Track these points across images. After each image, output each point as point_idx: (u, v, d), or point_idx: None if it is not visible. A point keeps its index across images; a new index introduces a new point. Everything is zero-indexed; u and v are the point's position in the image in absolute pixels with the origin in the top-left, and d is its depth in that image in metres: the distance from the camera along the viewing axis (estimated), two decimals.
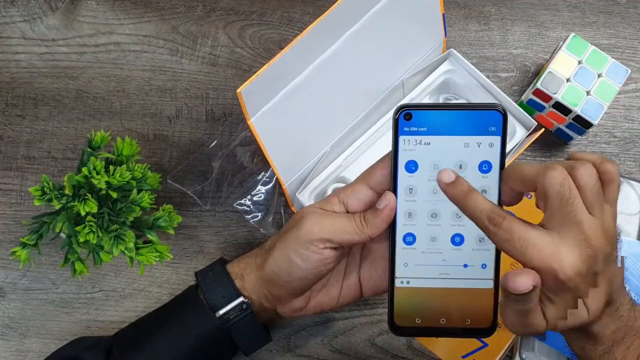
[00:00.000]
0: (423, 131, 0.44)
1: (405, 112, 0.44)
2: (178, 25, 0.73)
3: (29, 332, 0.63)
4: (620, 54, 0.72)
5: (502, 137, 0.44)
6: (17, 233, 0.65)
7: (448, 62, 0.66)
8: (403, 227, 0.46)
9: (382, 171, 0.46)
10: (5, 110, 0.69)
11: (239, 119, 0.69)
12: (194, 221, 0.66)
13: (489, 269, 0.45)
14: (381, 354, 0.63)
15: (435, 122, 0.44)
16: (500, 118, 0.43)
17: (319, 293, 0.51)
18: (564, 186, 0.40)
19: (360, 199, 0.47)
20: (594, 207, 0.40)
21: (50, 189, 0.53)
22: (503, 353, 0.58)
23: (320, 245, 0.47)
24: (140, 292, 0.64)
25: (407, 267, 0.46)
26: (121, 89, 0.70)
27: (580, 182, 0.40)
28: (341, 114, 0.62)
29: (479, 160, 0.44)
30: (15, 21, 0.72)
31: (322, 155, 0.62)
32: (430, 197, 0.45)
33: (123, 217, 0.54)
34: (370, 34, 0.57)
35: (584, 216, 0.40)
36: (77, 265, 0.55)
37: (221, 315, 0.52)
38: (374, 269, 0.50)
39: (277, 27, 0.73)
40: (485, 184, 0.44)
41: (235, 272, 0.54)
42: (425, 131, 0.44)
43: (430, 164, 0.44)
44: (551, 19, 0.74)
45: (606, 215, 0.41)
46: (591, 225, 0.39)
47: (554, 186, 0.40)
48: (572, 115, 0.65)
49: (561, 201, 0.40)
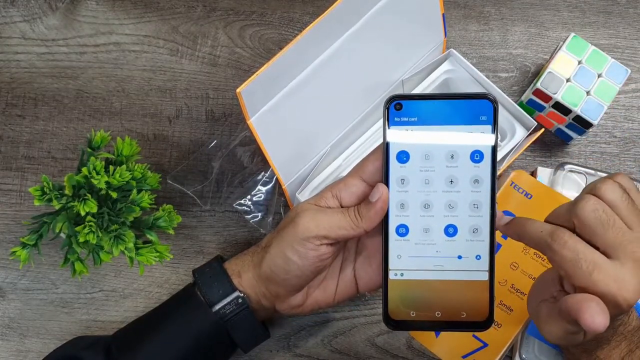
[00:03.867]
0: (414, 121, 0.44)
1: (395, 102, 0.44)
2: (178, 25, 0.73)
3: (29, 332, 0.63)
4: (620, 54, 0.72)
5: (493, 126, 0.44)
6: (17, 233, 0.65)
7: (448, 62, 0.66)
8: (395, 218, 0.45)
9: (374, 163, 0.46)
10: (5, 110, 0.69)
11: (239, 119, 0.69)
12: (194, 221, 0.66)
13: (483, 260, 0.45)
14: (381, 354, 0.63)
15: (425, 112, 0.44)
16: (491, 107, 0.43)
17: (316, 289, 0.51)
18: (598, 211, 0.39)
19: (354, 192, 0.47)
20: (633, 220, 0.40)
21: (50, 189, 0.53)
22: (503, 353, 0.58)
23: (316, 242, 0.47)
24: (140, 292, 0.64)
25: (401, 259, 0.45)
26: (121, 89, 0.70)
27: (609, 198, 0.40)
28: (341, 113, 0.62)
29: (471, 150, 0.44)
30: (15, 21, 0.72)
31: (322, 155, 0.62)
32: (423, 188, 0.45)
33: (123, 217, 0.54)
34: (370, 34, 0.57)
35: (631, 235, 0.39)
36: (77, 265, 0.55)
37: (217, 310, 0.52)
38: (368, 263, 0.50)
39: (277, 27, 0.73)
40: (477, 174, 0.44)
41: (233, 270, 0.54)
42: (416, 121, 0.44)
43: (421, 154, 0.44)
44: (551, 19, 0.74)
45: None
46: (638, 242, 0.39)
47: (589, 215, 0.39)
48: (572, 115, 0.65)
49: (603, 226, 0.39)
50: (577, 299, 0.38)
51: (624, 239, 0.39)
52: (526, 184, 0.62)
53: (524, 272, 0.59)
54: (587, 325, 0.37)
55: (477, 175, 0.44)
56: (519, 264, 0.59)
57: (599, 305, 0.38)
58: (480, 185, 0.44)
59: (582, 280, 0.39)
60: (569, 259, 0.39)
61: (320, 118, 0.60)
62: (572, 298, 0.39)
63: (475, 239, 0.45)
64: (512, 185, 0.62)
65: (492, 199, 0.44)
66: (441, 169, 0.44)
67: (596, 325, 0.37)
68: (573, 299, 0.39)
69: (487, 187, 0.44)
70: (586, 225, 0.39)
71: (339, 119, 0.62)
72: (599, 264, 0.38)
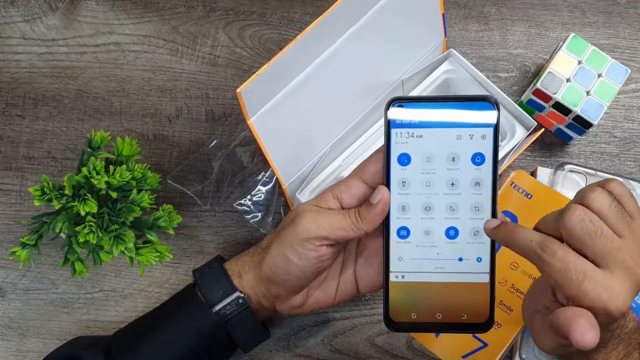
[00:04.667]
0: (415, 123, 0.44)
1: (397, 104, 0.44)
2: (178, 25, 0.73)
3: (29, 332, 0.63)
4: (620, 54, 0.72)
5: (494, 129, 0.44)
6: (17, 233, 0.65)
7: (448, 62, 0.66)
8: (397, 220, 0.45)
9: (375, 165, 0.46)
10: (5, 110, 0.69)
11: (239, 119, 0.69)
12: (194, 221, 0.66)
13: (484, 263, 0.45)
14: (381, 354, 0.63)
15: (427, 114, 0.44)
16: (492, 109, 0.43)
17: (317, 290, 0.51)
18: (585, 221, 0.39)
19: (354, 194, 0.47)
20: (622, 228, 0.39)
21: (50, 189, 0.53)
22: (503, 353, 0.58)
23: (316, 242, 0.47)
24: (140, 292, 0.64)
25: (402, 261, 0.45)
26: (121, 89, 0.70)
27: (596, 208, 0.39)
28: (341, 113, 0.62)
29: (472, 152, 0.44)
30: (15, 21, 0.72)
31: (322, 155, 0.62)
32: (424, 190, 0.45)
33: (123, 217, 0.54)
34: (370, 34, 0.57)
35: (620, 243, 0.39)
36: (77, 266, 0.55)
37: (217, 310, 0.52)
38: (369, 264, 0.50)
39: (277, 27, 0.73)
40: (478, 176, 0.44)
41: (233, 270, 0.54)
42: (417, 123, 0.44)
43: (422, 157, 0.44)
44: (551, 19, 0.74)
45: (636, 230, 0.40)
46: (628, 249, 0.39)
47: (576, 226, 0.39)
48: (572, 115, 0.65)
49: (590, 236, 0.39)
50: (567, 314, 0.38)
51: (613, 248, 0.39)
52: (526, 184, 0.62)
53: (524, 272, 0.59)
54: (577, 342, 0.37)
55: (478, 177, 0.44)
56: (519, 264, 0.59)
57: (589, 321, 0.38)
58: (482, 187, 0.44)
59: (572, 291, 0.38)
60: (559, 269, 0.39)
61: (320, 118, 0.60)
62: (563, 313, 0.39)
63: (476, 241, 0.45)
64: (512, 185, 0.62)
65: (493, 201, 0.44)
66: (442, 172, 0.44)
67: (586, 342, 0.37)
68: (564, 314, 0.38)
69: (488, 189, 0.44)
70: (574, 235, 0.39)
71: (339, 119, 0.62)
72: (588, 273, 0.38)
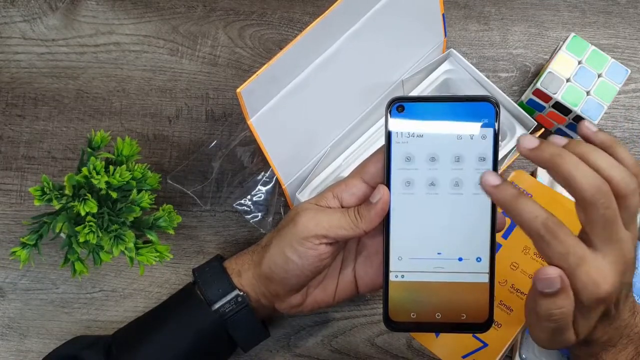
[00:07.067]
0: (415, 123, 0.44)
1: (397, 104, 0.44)
2: (178, 25, 0.73)
3: (29, 332, 0.63)
4: (620, 54, 0.72)
5: (494, 130, 0.44)
6: (17, 233, 0.65)
7: (448, 62, 0.66)
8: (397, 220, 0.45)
9: (375, 165, 0.46)
10: (5, 110, 0.69)
11: (239, 119, 0.69)
12: (194, 221, 0.66)
13: (484, 263, 0.45)
14: (381, 354, 0.63)
15: (427, 114, 0.44)
16: (493, 109, 0.43)
17: (316, 289, 0.51)
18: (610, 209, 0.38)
19: (354, 193, 0.47)
20: (630, 222, 0.40)
21: (50, 189, 0.53)
22: (503, 353, 0.58)
23: (315, 241, 0.47)
24: (140, 292, 0.64)
25: (402, 260, 0.45)
26: (121, 89, 0.70)
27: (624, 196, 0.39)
28: (341, 113, 0.62)
29: (472, 152, 0.44)
30: (15, 21, 0.72)
31: (322, 155, 0.62)
32: (424, 190, 0.45)
33: (123, 217, 0.54)
34: (370, 34, 0.57)
35: (624, 234, 0.39)
36: (77, 266, 0.55)
37: (217, 308, 0.52)
38: (369, 264, 0.50)
39: (277, 27, 0.73)
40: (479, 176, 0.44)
41: (233, 269, 0.54)
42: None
43: (422, 157, 0.44)
44: (551, 19, 0.74)
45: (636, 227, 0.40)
46: (628, 241, 0.39)
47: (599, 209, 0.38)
48: (572, 115, 0.65)
49: (605, 224, 0.38)
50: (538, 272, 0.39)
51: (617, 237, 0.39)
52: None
53: (524, 272, 0.59)
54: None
55: (479, 178, 0.44)
56: (519, 264, 0.59)
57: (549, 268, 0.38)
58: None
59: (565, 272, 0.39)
60: (559, 251, 0.39)
61: (320, 118, 0.60)
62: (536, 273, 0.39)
63: (477, 241, 0.45)
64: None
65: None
66: (442, 171, 0.44)
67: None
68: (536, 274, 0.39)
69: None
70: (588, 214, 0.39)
71: (339, 119, 0.62)
72: (585, 259, 0.38)
